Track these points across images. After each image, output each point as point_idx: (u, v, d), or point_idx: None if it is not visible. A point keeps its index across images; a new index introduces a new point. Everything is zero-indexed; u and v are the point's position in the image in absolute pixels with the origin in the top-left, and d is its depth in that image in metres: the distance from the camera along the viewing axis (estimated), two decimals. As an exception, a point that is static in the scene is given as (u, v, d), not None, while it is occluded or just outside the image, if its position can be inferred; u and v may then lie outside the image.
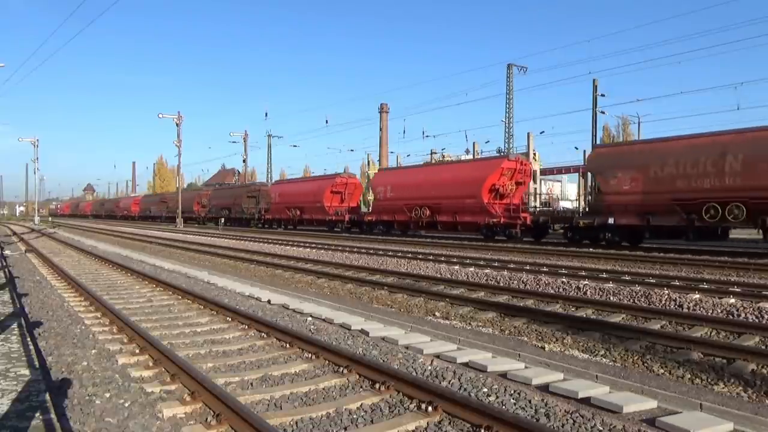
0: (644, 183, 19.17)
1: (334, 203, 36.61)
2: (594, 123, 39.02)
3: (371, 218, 33.11)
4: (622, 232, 20.42)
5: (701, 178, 17.64)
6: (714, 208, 17.39)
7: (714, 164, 17.39)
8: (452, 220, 26.34)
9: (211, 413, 4.44)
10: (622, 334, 7.25)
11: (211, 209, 49.58)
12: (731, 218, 17.18)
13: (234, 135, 60.96)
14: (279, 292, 11.05)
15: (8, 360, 5.26)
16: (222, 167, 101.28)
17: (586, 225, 21.35)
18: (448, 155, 51.51)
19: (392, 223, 30.94)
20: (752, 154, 16.68)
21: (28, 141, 67.38)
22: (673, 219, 18.53)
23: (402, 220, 29.75)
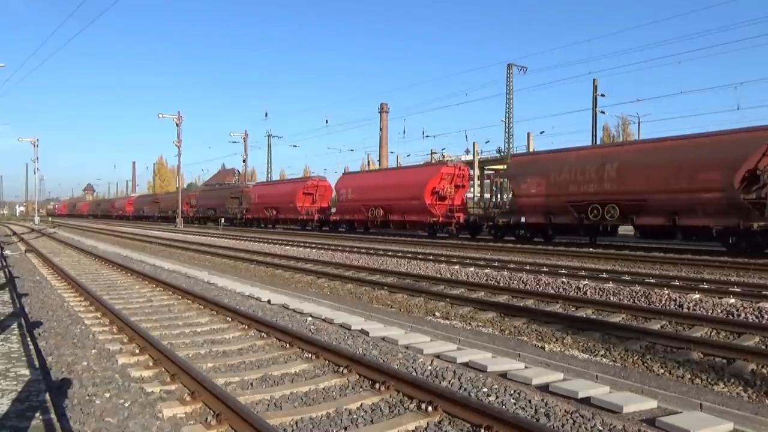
0: (547, 187, 22.30)
1: (306, 204, 39.22)
2: (594, 123, 39.08)
3: (336, 218, 36.32)
4: (531, 229, 23.86)
5: (587, 183, 20.86)
6: (596, 209, 20.53)
7: (596, 172, 20.62)
8: (402, 219, 30.17)
9: (211, 413, 4.44)
10: (622, 334, 7.25)
11: (199, 209, 52.90)
12: (608, 217, 20.23)
13: (234, 135, 61.07)
14: (279, 292, 11.05)
15: (8, 360, 5.26)
16: (222, 167, 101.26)
17: (504, 223, 24.80)
18: (448, 155, 51.61)
19: (353, 221, 34.55)
20: (624, 163, 19.93)
21: (28, 141, 67.38)
22: (568, 218, 21.66)
23: (360, 219, 33.38)
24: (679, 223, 18.38)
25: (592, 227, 21.37)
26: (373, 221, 31.83)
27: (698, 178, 17.61)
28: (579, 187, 21.11)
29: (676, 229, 18.87)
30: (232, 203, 46.45)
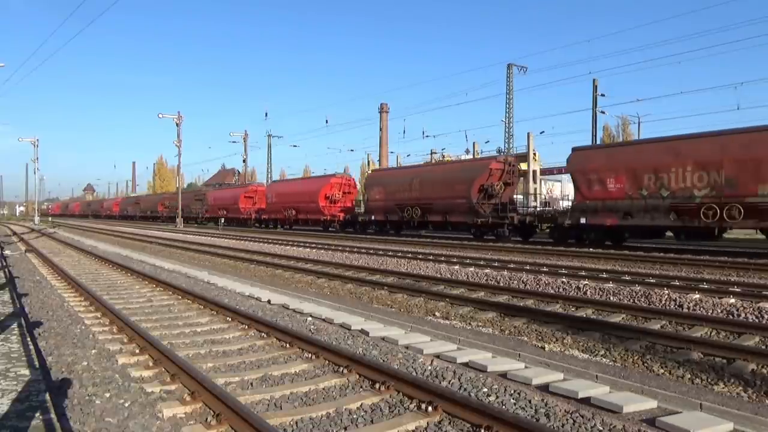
0: (386, 194, 31.84)
1: (247, 205, 47.72)
2: (594, 123, 39.08)
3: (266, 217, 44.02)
4: (377, 225, 33.09)
5: (406, 192, 30.16)
6: (408, 209, 29.81)
7: (409, 185, 30.07)
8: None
9: (211, 413, 4.44)
10: (622, 334, 7.25)
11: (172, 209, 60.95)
12: (415, 216, 29.41)
13: (234, 135, 61.15)
14: (279, 292, 11.05)
15: (8, 360, 5.26)
16: (222, 167, 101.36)
17: (363, 221, 33.83)
18: (448, 155, 51.55)
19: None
20: (422, 179, 29.67)
21: (28, 141, 67.47)
22: (395, 216, 30.88)
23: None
24: (448, 219, 27.47)
25: (408, 222, 30.21)
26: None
27: (455, 189, 26.79)
28: (401, 194, 30.39)
29: (447, 223, 27.99)
30: (196, 204, 55.50)
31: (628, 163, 19.71)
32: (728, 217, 17.03)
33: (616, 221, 19.88)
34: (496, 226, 25.62)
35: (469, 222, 26.40)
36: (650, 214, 18.91)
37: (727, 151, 17.11)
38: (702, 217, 17.49)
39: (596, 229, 20.91)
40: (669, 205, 18.37)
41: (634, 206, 19.27)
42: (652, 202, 18.80)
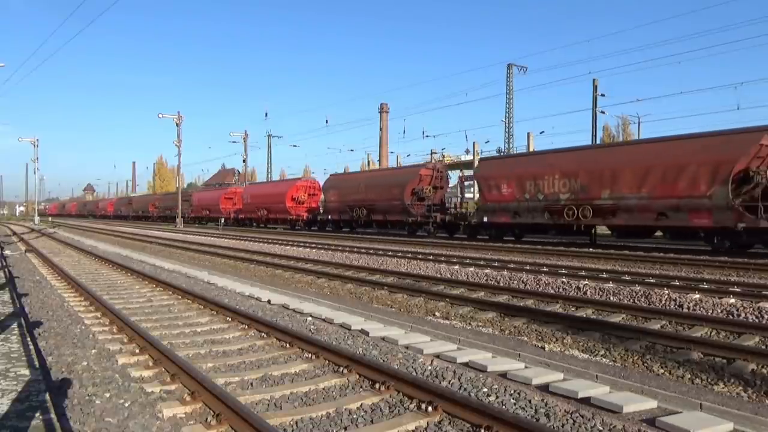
0: (340, 196, 35.80)
1: (227, 206, 51.23)
2: (594, 123, 39.06)
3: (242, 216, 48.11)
4: (334, 223, 36.97)
5: (355, 194, 34.18)
6: (357, 209, 33.76)
7: (357, 188, 34.31)
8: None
9: (211, 413, 4.44)
10: (622, 334, 7.25)
11: (161, 210, 66.04)
12: (361, 215, 33.48)
13: (234, 135, 61.17)
14: (279, 292, 11.05)
15: (8, 360, 5.26)
16: (222, 167, 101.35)
17: (323, 220, 38.19)
18: (448, 155, 51.62)
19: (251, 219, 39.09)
20: (368, 183, 33.94)
21: (28, 141, 67.56)
22: (347, 215, 34.94)
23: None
24: (388, 218, 31.66)
25: (356, 221, 34.28)
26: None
27: (392, 193, 30.70)
28: (350, 196, 34.56)
29: (387, 222, 32.32)
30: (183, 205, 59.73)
31: (516, 172, 23.63)
32: (582, 216, 20.62)
33: (509, 219, 23.86)
34: (423, 225, 29.29)
35: (403, 220, 30.63)
36: (531, 213, 22.76)
37: (582, 164, 21.16)
38: (565, 216, 21.19)
39: (495, 226, 25.01)
40: (543, 206, 22.16)
41: (521, 207, 23.12)
42: (532, 203, 22.62)
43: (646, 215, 18.96)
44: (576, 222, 20.90)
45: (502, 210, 23.85)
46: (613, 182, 19.85)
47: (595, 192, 20.29)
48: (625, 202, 19.45)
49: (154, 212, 66.76)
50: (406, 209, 29.78)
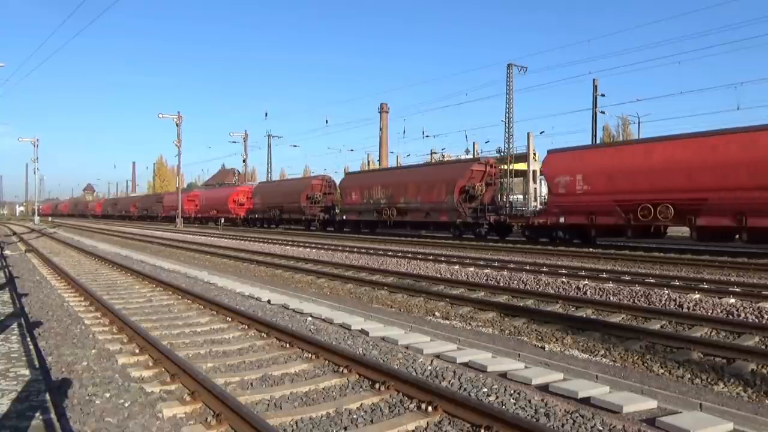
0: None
1: (190, 207, 56.25)
2: (594, 123, 39.08)
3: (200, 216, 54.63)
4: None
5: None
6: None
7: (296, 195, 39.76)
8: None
9: (211, 413, 4.44)
10: (622, 334, 7.25)
11: (140, 210, 74.14)
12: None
13: (234, 135, 61.30)
14: (279, 292, 11.05)
15: (8, 360, 5.27)
16: (222, 167, 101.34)
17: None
18: (448, 155, 51.61)
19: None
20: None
21: (28, 141, 67.79)
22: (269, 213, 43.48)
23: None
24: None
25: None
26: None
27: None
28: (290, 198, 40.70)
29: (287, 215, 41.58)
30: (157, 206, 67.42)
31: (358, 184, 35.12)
32: (391, 214, 31.34)
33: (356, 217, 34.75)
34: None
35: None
36: (368, 212, 33.33)
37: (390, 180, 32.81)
38: (382, 214, 31.92)
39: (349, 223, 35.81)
40: (373, 207, 32.76)
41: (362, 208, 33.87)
42: (367, 206, 33.33)
43: (420, 213, 29.80)
44: (388, 219, 31.50)
45: (354, 210, 34.66)
46: (405, 192, 30.57)
47: (396, 198, 30.99)
48: (412, 205, 30.11)
49: (134, 212, 76.11)
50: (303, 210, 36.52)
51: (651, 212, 18.94)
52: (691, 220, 18.14)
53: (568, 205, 21.81)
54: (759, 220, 16.32)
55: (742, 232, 17.22)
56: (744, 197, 16.55)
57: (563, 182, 22.00)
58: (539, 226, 23.32)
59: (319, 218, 37.72)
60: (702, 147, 18.15)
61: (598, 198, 20.55)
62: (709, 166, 17.46)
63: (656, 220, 18.95)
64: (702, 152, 17.93)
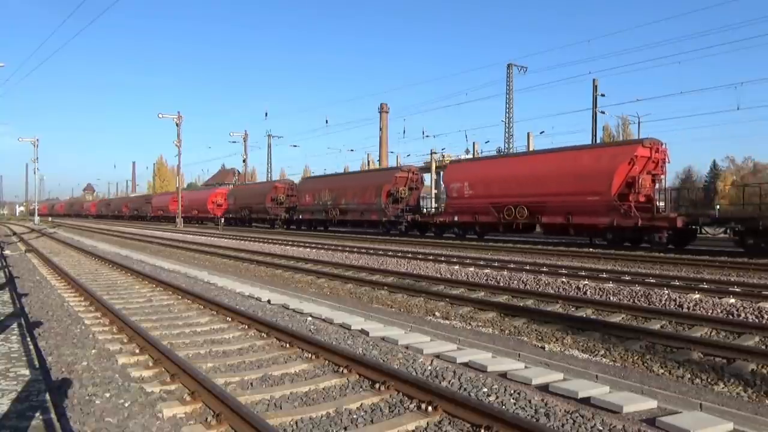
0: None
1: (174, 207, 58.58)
2: (594, 123, 39.12)
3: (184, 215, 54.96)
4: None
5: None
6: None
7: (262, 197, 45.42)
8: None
9: (211, 413, 4.44)
10: (622, 334, 7.25)
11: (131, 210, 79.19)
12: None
13: (234, 135, 61.26)
14: (279, 292, 11.05)
15: (8, 360, 5.27)
16: (222, 167, 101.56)
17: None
18: (448, 155, 51.67)
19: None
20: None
21: (28, 141, 67.79)
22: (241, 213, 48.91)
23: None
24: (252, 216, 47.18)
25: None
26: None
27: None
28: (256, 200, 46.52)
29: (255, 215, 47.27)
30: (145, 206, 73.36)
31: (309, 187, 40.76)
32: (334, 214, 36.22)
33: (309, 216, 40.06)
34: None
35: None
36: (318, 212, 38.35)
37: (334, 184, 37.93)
38: (327, 213, 36.92)
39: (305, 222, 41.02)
40: (321, 208, 37.61)
41: (314, 208, 38.90)
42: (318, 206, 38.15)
43: (357, 213, 34.28)
44: (332, 216, 36.33)
45: (308, 210, 39.76)
46: (346, 195, 35.46)
47: (339, 200, 35.91)
48: (351, 206, 34.85)
49: (126, 212, 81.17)
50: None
51: (513, 212, 24.05)
52: (538, 218, 23.37)
53: (459, 206, 26.97)
54: (580, 218, 21.70)
55: (570, 228, 22.44)
56: (570, 201, 21.69)
57: (456, 188, 27.20)
58: (440, 224, 28.66)
59: (282, 217, 43.22)
60: (546, 161, 23.77)
61: (479, 201, 25.61)
62: (549, 176, 22.65)
63: (516, 219, 24.04)
64: (545, 166, 23.37)
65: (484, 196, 25.37)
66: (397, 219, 31.42)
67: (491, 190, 25.04)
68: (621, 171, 20.49)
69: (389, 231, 32.37)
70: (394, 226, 31.94)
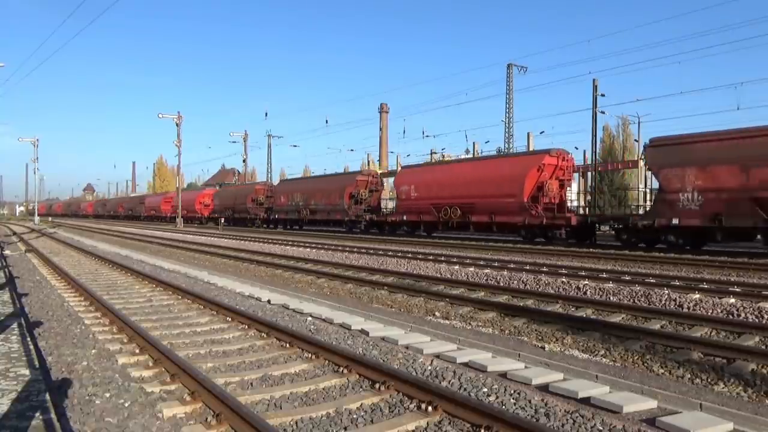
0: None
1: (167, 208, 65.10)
2: (594, 123, 39.02)
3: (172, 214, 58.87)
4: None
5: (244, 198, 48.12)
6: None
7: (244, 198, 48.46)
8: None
9: (211, 413, 4.44)
10: (622, 334, 7.25)
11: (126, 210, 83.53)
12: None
13: (234, 135, 61.31)
14: (279, 292, 11.05)
15: (8, 360, 5.27)
16: (222, 167, 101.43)
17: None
18: (448, 155, 51.71)
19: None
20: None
21: (28, 141, 67.94)
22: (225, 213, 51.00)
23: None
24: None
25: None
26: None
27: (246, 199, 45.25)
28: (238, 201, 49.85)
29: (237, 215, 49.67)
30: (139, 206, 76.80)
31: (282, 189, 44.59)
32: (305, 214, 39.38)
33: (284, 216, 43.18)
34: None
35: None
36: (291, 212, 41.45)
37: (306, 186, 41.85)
38: (299, 213, 40.23)
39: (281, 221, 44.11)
40: (294, 208, 40.78)
41: (288, 208, 42.04)
42: (292, 207, 41.35)
43: (324, 213, 37.19)
44: (304, 216, 39.50)
45: (283, 210, 43.18)
46: (315, 196, 38.26)
47: (309, 201, 39.22)
48: (319, 207, 37.80)
49: (122, 212, 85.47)
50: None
51: (449, 212, 27.25)
52: (469, 218, 26.55)
53: (407, 207, 30.57)
54: (501, 217, 25.01)
55: (493, 225, 25.76)
56: (492, 202, 25.08)
57: (404, 191, 30.92)
58: (392, 223, 32.32)
59: (261, 217, 46.52)
60: (475, 168, 28.14)
61: (423, 202, 29.13)
62: (476, 181, 26.21)
63: (451, 218, 27.18)
64: (474, 172, 27.33)
65: (426, 198, 28.97)
66: (357, 218, 34.51)
67: (432, 192, 28.65)
68: (531, 177, 24.00)
69: (351, 229, 35.18)
70: (355, 225, 34.92)
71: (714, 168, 17.64)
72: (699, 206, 18.09)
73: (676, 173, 18.77)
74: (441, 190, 28.05)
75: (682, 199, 18.55)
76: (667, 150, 19.36)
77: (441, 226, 28.57)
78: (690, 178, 18.30)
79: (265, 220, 46.38)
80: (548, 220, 23.18)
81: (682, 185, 18.51)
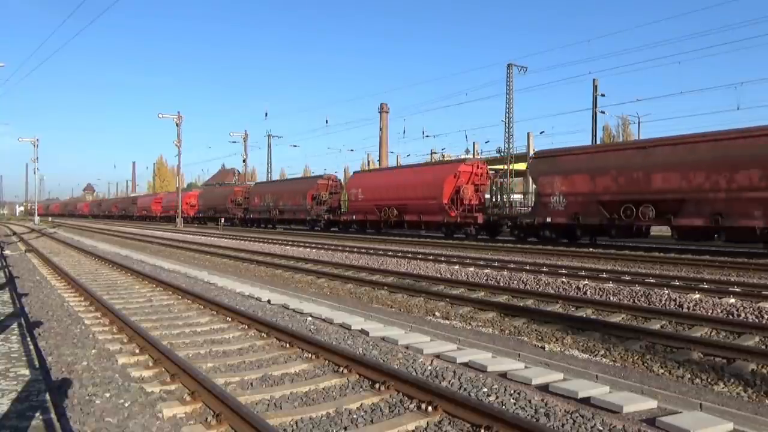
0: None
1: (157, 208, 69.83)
2: (594, 123, 39.13)
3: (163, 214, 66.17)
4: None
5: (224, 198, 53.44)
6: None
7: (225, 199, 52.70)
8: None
9: (211, 413, 4.44)
10: (622, 334, 7.25)
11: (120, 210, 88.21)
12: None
13: (234, 135, 61.41)
14: (279, 292, 11.05)
15: (8, 360, 5.27)
16: (222, 167, 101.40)
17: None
18: (448, 155, 51.76)
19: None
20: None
21: (28, 141, 68.01)
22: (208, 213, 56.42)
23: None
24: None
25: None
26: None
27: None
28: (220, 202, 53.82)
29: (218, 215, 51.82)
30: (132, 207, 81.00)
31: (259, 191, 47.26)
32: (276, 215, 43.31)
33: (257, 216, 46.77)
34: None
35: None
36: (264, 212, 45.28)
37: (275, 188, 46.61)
38: (270, 213, 43.70)
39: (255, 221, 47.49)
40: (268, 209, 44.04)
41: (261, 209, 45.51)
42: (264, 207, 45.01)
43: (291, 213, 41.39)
44: (274, 216, 43.27)
45: (257, 211, 46.35)
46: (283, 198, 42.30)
47: (278, 202, 42.73)
48: (287, 207, 41.56)
49: (116, 212, 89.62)
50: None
51: (387, 212, 31.63)
52: (403, 217, 30.98)
53: (356, 208, 34.59)
54: (427, 217, 29.37)
55: (422, 224, 30.43)
56: (420, 203, 29.38)
57: (354, 193, 34.87)
58: (344, 221, 36.21)
59: (239, 216, 50.13)
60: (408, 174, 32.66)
61: (367, 203, 33.24)
62: (408, 185, 30.57)
63: (390, 217, 31.70)
64: (407, 177, 31.75)
65: (370, 199, 33.08)
66: (318, 218, 38.46)
67: (374, 195, 32.82)
68: (449, 182, 28.15)
69: (313, 228, 39.03)
70: (316, 223, 38.78)
71: (573, 177, 21.77)
72: (564, 207, 22.13)
73: (548, 180, 22.79)
74: (382, 193, 32.43)
75: (553, 202, 22.55)
76: (542, 161, 23.85)
77: (383, 224, 32.73)
78: (557, 184, 22.34)
79: (242, 220, 49.55)
80: (462, 219, 27.45)
81: (552, 190, 22.53)
